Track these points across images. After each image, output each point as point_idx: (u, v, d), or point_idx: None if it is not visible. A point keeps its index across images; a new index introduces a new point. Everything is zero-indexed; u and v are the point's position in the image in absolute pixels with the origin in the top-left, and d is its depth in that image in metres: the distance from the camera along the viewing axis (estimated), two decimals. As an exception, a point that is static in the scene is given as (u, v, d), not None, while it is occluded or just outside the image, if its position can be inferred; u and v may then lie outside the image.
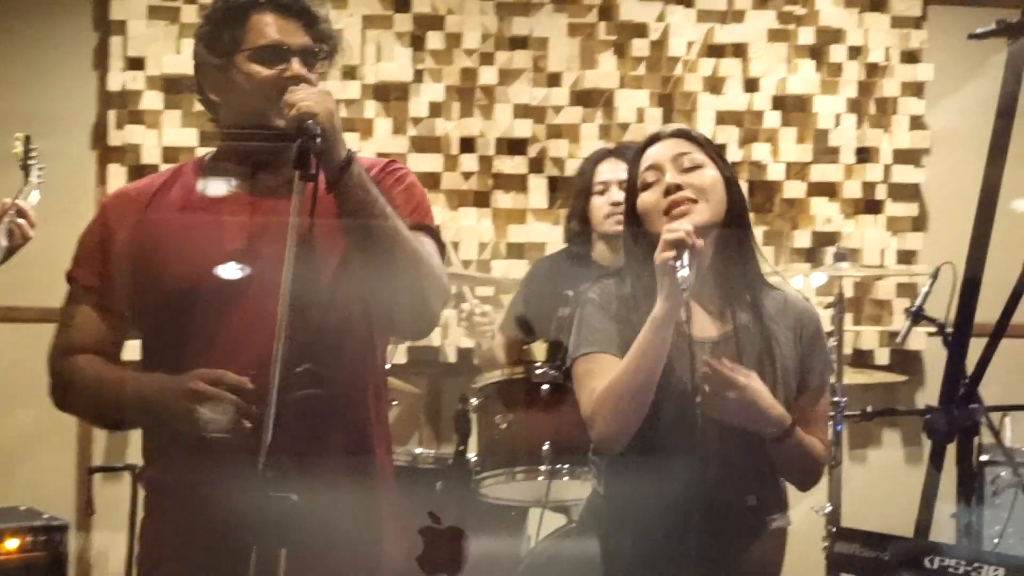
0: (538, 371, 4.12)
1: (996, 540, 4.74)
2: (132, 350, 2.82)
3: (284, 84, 2.66)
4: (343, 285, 2.70)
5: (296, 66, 2.71)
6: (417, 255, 2.65)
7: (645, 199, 2.95)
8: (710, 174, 2.93)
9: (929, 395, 5.86)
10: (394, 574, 2.84)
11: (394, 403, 5.08)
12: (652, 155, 2.98)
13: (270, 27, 2.73)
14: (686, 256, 2.75)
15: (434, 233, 2.78)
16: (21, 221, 4.06)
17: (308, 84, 2.67)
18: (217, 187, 2.80)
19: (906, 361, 5.88)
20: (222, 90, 2.78)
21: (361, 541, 2.76)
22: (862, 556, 3.94)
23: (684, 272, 2.73)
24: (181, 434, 2.61)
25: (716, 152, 3.00)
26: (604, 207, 4.56)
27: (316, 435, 2.70)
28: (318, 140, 2.50)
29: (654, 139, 3.02)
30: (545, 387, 4.08)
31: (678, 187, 2.90)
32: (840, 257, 4.60)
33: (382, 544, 2.82)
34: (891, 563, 3.92)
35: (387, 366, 3.12)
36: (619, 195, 4.50)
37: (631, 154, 4.52)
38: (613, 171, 4.55)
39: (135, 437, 5.41)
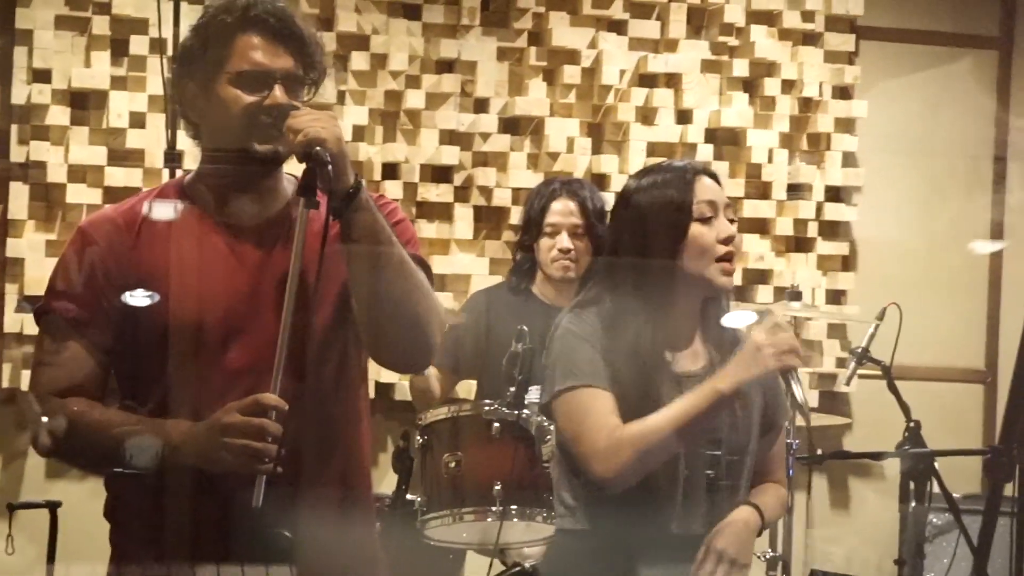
0: (487, 408, 4.17)
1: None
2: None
3: (266, 112, 2.67)
4: (342, 316, 2.71)
5: (278, 93, 2.69)
6: (421, 286, 2.68)
7: (704, 235, 3.01)
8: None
9: (859, 438, 6.02)
10: None
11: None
12: (708, 190, 3.04)
13: (255, 51, 2.70)
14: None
15: (427, 267, 2.80)
16: None
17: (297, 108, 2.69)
18: (204, 212, 2.78)
19: (835, 403, 6.04)
20: (201, 112, 2.77)
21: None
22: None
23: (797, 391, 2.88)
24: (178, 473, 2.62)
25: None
26: (552, 251, 4.66)
27: (310, 469, 2.70)
28: (329, 168, 2.53)
29: (703, 171, 3.08)
30: (496, 425, 4.12)
31: (733, 239, 3.00)
32: (795, 296, 4.73)
33: None
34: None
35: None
36: (568, 243, 4.60)
37: (581, 192, 4.67)
38: (564, 214, 4.65)
39: (32, 473, 5.38)
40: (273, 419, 2.54)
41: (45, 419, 2.71)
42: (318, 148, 2.53)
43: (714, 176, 3.08)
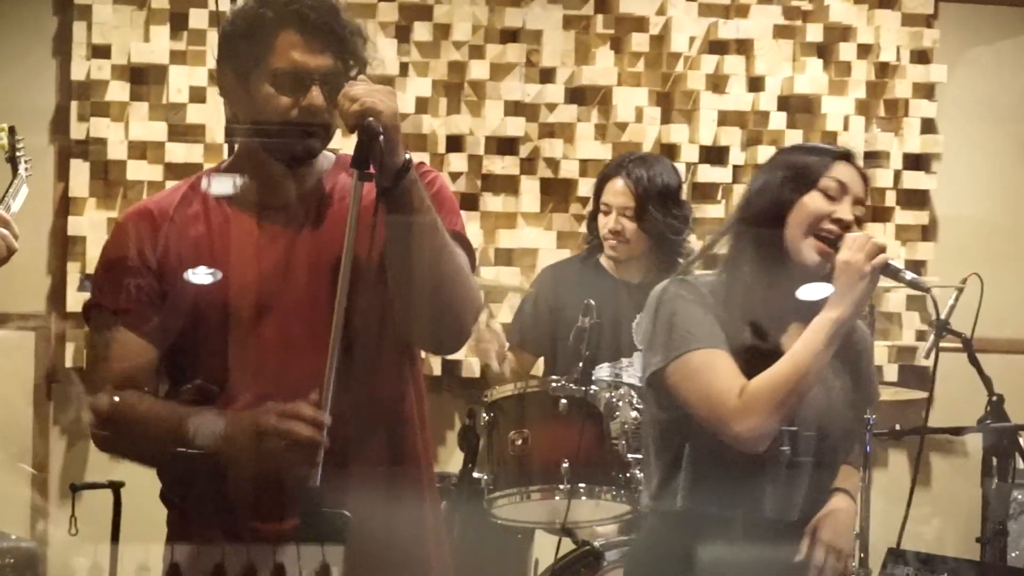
0: (554, 384, 4.17)
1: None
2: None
3: (302, 114, 2.67)
4: (386, 293, 2.72)
5: (315, 94, 2.67)
6: (460, 271, 2.69)
7: (817, 204, 2.99)
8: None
9: (940, 412, 5.95)
10: None
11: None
12: (844, 175, 3.02)
13: (294, 50, 2.68)
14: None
15: (465, 242, 2.79)
16: (4, 232, 4.02)
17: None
18: (241, 195, 2.80)
19: (916, 377, 5.98)
20: (238, 101, 2.78)
21: (413, 555, 2.81)
22: (921, 580, 4.04)
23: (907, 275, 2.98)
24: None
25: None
26: (604, 230, 4.67)
27: (366, 449, 2.73)
28: (381, 139, 2.52)
29: (850, 158, 3.07)
30: (563, 402, 4.13)
31: (848, 226, 2.98)
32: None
33: (432, 558, 2.88)
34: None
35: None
36: (615, 224, 4.61)
37: (638, 171, 4.65)
38: (615, 194, 4.65)
39: (97, 453, 5.44)
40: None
41: (98, 413, 2.77)
42: (371, 119, 2.53)
43: (861, 171, 3.06)
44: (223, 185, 2.83)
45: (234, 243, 2.76)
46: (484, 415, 4.26)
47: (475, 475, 4.31)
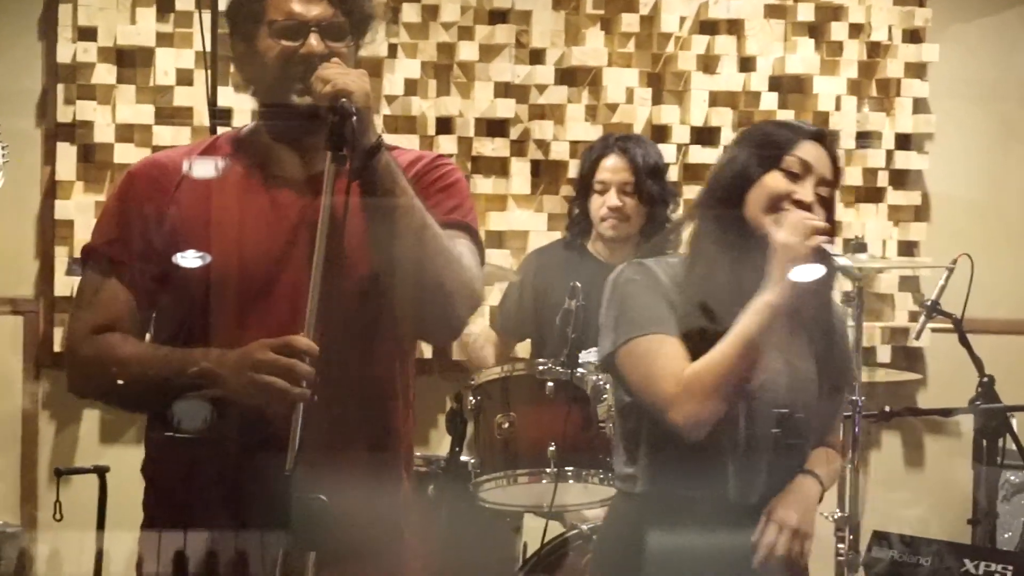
0: (541, 368, 4.17)
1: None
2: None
3: (301, 60, 2.69)
4: (371, 276, 2.72)
5: (313, 42, 2.71)
6: (446, 253, 2.67)
7: (781, 183, 2.94)
8: (822, 214, 2.95)
9: (933, 394, 5.98)
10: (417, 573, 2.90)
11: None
12: (811, 155, 2.96)
13: (292, 1, 2.73)
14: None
15: (472, 233, 2.80)
16: None
17: (330, 60, 2.68)
18: (253, 165, 2.81)
19: (908, 358, 5.98)
20: (248, 67, 2.81)
21: (386, 541, 2.82)
22: (900, 561, 4.06)
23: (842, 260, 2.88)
24: (209, 426, 2.65)
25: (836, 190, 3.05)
26: (602, 209, 4.67)
27: (343, 432, 2.73)
28: (353, 119, 2.54)
29: (819, 137, 3.01)
30: (550, 385, 4.13)
31: (810, 208, 2.92)
32: (859, 248, 4.68)
33: (405, 545, 2.87)
34: (931, 568, 4.04)
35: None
36: (616, 200, 4.61)
37: (632, 148, 4.65)
38: (614, 171, 4.66)
39: (86, 438, 5.45)
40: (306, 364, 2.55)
41: (75, 354, 2.77)
42: (344, 100, 2.55)
43: (832, 152, 3.00)
44: (238, 151, 2.85)
45: (243, 210, 2.76)
46: (471, 399, 4.26)
47: (462, 459, 4.31)
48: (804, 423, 3.01)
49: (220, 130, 4.48)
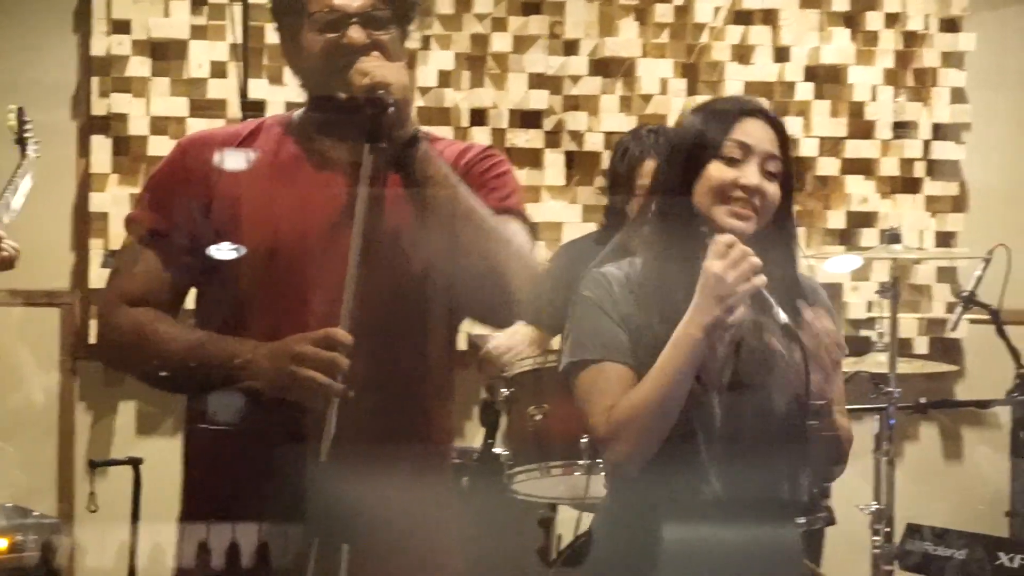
0: (574, 359, 4.16)
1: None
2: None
3: (344, 52, 2.71)
4: (416, 262, 2.73)
5: (354, 33, 2.72)
6: (497, 235, 2.68)
7: (723, 172, 2.82)
8: (779, 190, 2.85)
9: (971, 386, 5.94)
10: (456, 569, 2.89)
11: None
12: (747, 133, 2.85)
13: None
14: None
15: (524, 218, 2.82)
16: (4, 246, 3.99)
17: (371, 53, 2.70)
18: (300, 151, 2.83)
19: (946, 350, 5.95)
20: (292, 56, 2.84)
21: (426, 535, 2.81)
22: (934, 554, 4.05)
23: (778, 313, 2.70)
24: (242, 416, 2.66)
25: (791, 157, 2.91)
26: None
27: (383, 423, 2.73)
28: (391, 111, 2.56)
29: (753, 112, 2.89)
30: (583, 376, 4.11)
31: (756, 191, 2.81)
32: (893, 238, 4.66)
33: (446, 539, 2.88)
34: (963, 560, 4.03)
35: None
36: None
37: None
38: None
39: (123, 430, 5.49)
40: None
41: (110, 323, 2.79)
42: (381, 92, 2.57)
43: (772, 120, 2.89)
44: (287, 134, 2.86)
45: (288, 194, 2.78)
46: (504, 390, 4.26)
47: (496, 451, 4.31)
48: (790, 409, 2.85)
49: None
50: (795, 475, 2.94)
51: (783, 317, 2.70)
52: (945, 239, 6.04)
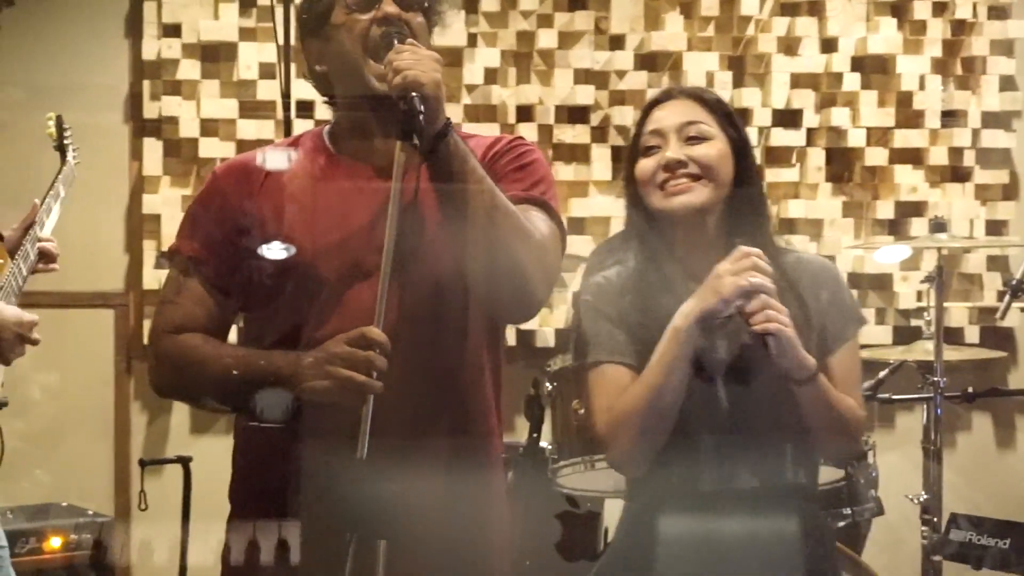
0: (617, 353, 4.17)
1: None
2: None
3: (376, 24, 2.72)
4: (451, 258, 2.73)
5: (388, 6, 2.74)
6: (520, 232, 2.66)
7: (643, 167, 2.90)
8: (718, 148, 2.89)
9: (1023, 374, 5.92)
10: (502, 564, 2.91)
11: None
12: (658, 119, 2.92)
13: None
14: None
15: (549, 209, 2.80)
16: (46, 254, 4.04)
17: (405, 41, 2.69)
18: (334, 159, 2.86)
19: (998, 339, 5.92)
20: (325, 56, 2.84)
21: (469, 531, 2.82)
22: (979, 544, 4.03)
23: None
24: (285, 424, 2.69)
25: (728, 118, 2.95)
26: None
27: (422, 418, 2.75)
28: (421, 116, 2.55)
29: (664, 98, 2.96)
30: (625, 370, 4.13)
31: (679, 163, 2.86)
32: (938, 227, 4.64)
33: (491, 534, 2.89)
34: (1005, 549, 4.01)
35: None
36: None
37: None
38: None
39: (177, 429, 5.55)
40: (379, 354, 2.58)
41: (158, 354, 2.83)
42: (414, 95, 2.55)
43: (689, 94, 2.94)
44: (320, 146, 2.90)
45: (326, 204, 2.80)
46: (548, 385, 4.28)
47: (541, 445, 4.34)
48: (772, 399, 2.86)
49: (297, 123, 4.59)
50: (798, 459, 2.95)
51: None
52: (996, 227, 6.01)
